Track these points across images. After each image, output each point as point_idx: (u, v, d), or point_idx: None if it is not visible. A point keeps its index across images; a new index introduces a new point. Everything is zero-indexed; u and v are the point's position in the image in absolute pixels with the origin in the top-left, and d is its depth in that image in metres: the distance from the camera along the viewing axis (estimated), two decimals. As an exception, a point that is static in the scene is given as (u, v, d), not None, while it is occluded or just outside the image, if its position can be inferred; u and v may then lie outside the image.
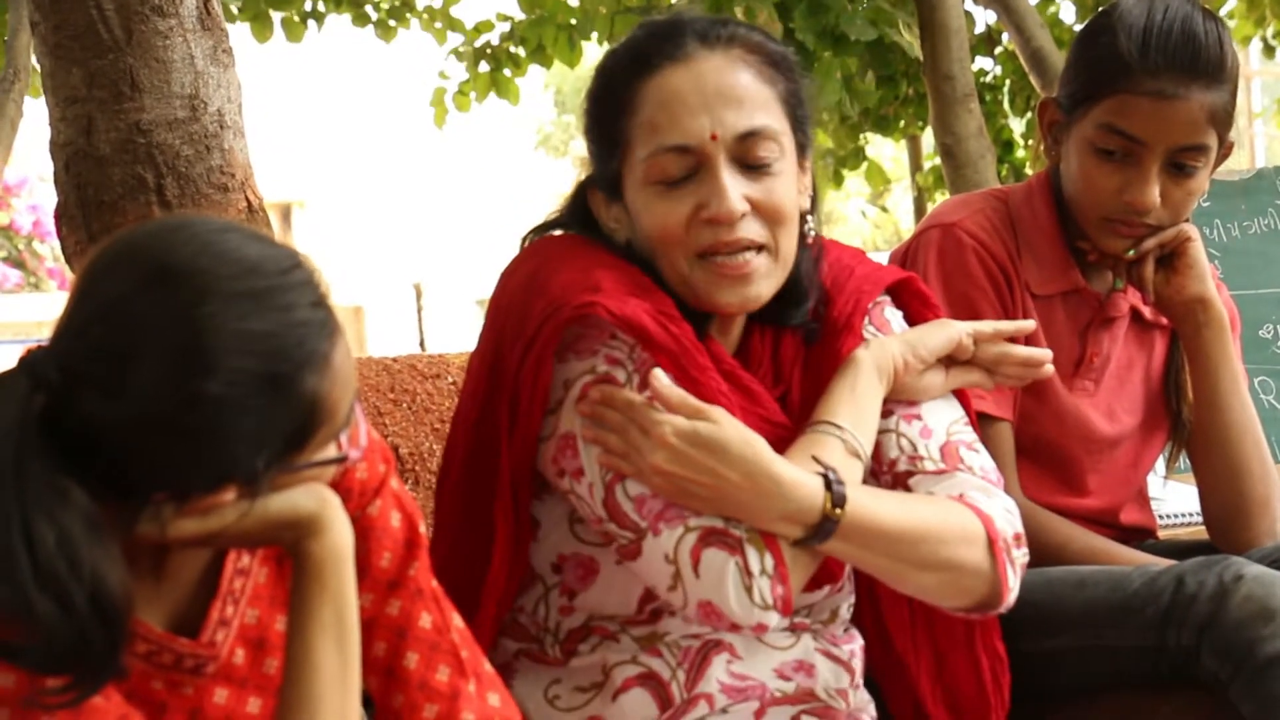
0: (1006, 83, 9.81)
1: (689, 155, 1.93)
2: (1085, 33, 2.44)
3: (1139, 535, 2.61)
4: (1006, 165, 9.80)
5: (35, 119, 8.82)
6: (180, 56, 2.51)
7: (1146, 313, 2.54)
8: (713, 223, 1.92)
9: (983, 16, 9.36)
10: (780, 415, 2.00)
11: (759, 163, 1.93)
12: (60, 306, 1.51)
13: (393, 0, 8.91)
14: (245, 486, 1.50)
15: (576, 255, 2.00)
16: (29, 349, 1.48)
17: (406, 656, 1.76)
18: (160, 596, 1.63)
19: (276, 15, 8.41)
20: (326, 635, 1.60)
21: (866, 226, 25.16)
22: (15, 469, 1.42)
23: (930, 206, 10.72)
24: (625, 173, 1.98)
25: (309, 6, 8.62)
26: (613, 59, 2.02)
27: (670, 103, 1.93)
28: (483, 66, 9.02)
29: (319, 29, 8.66)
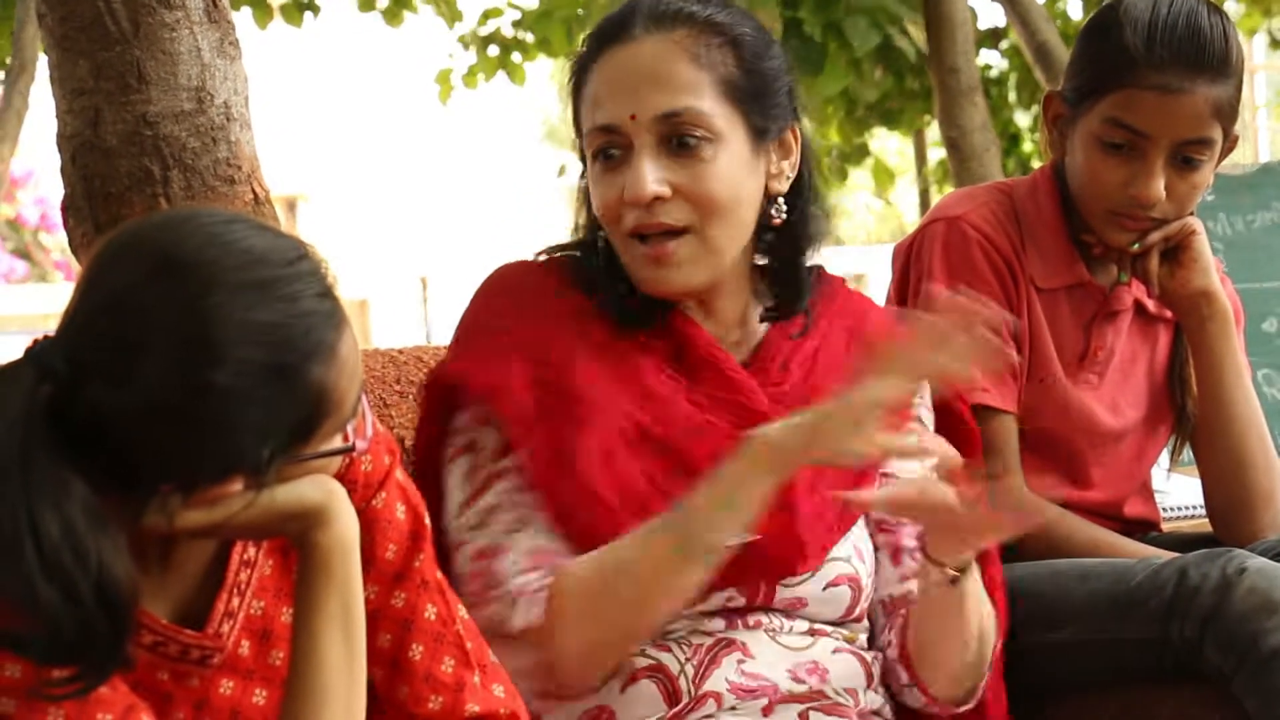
0: (1012, 77, 9.80)
1: (616, 135, 1.96)
2: (1090, 27, 2.44)
3: (1143, 528, 2.62)
4: (1013, 159, 9.80)
5: (42, 111, 8.83)
6: (187, 49, 2.51)
7: (1151, 306, 2.54)
8: (629, 205, 1.95)
9: (988, 10, 9.35)
10: (761, 404, 2.01)
11: (684, 147, 1.94)
12: (66, 299, 1.51)
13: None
14: (252, 477, 1.50)
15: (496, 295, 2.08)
16: (35, 340, 1.48)
17: (411, 648, 1.77)
18: (166, 588, 1.63)
19: (276, 0, 8.38)
20: (333, 626, 1.60)
21: (871, 220, 25.15)
22: (21, 459, 1.42)
23: (935, 200, 10.71)
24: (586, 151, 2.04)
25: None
26: (582, 43, 2.06)
27: (605, 83, 1.98)
28: (491, 50, 9.03)
29: (314, 17, 8.62)
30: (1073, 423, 2.49)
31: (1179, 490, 3.16)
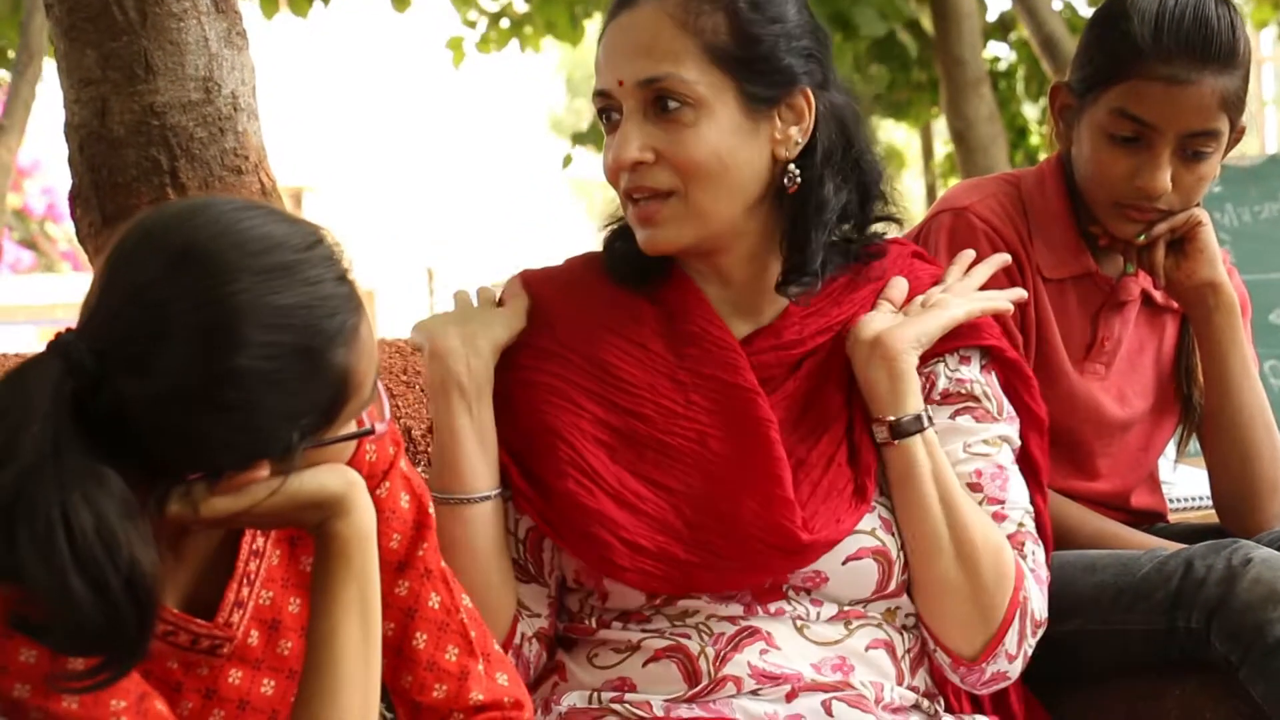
0: (1020, 69, 9.80)
1: (610, 100, 2.01)
2: (1098, 17, 2.44)
3: (1150, 519, 2.62)
4: (1021, 152, 9.79)
5: (49, 101, 8.83)
6: (194, 39, 2.52)
7: (1158, 297, 2.54)
8: (619, 168, 2.00)
9: (996, 2, 9.34)
10: (747, 380, 2.02)
11: (666, 112, 1.97)
12: (73, 289, 1.51)
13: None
14: (278, 462, 1.52)
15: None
16: (58, 333, 1.49)
17: (415, 636, 1.78)
18: (176, 577, 1.64)
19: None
20: (351, 615, 1.61)
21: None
22: (54, 453, 1.43)
23: (942, 190, 10.70)
24: None
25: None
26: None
27: (604, 50, 2.03)
28: (504, 23, 9.06)
29: (325, 5, 8.62)
30: (1079, 413, 2.49)
31: (1185, 481, 3.17)
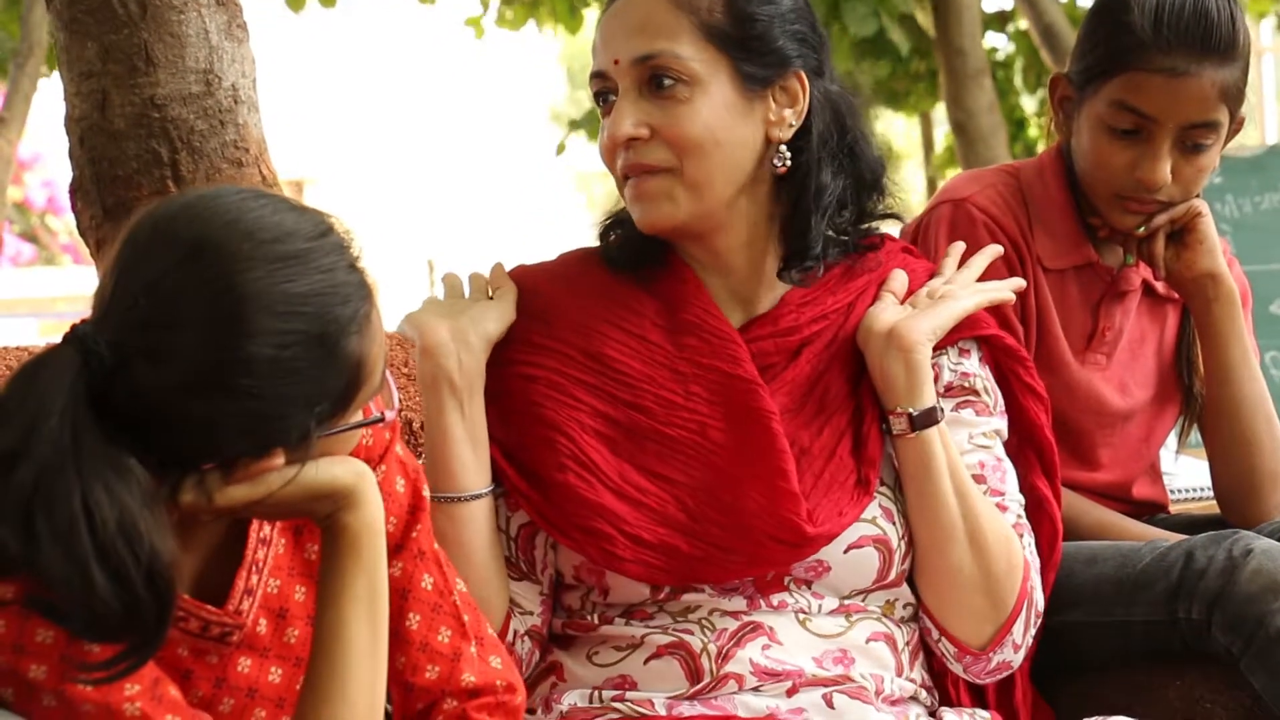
0: (1018, 61, 9.78)
1: (607, 80, 2.02)
2: (1097, 9, 2.43)
3: (1151, 509, 2.62)
4: (1019, 144, 9.78)
5: (49, 94, 8.83)
6: (195, 31, 2.52)
7: (1159, 287, 2.54)
8: (615, 146, 2.01)
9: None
10: (747, 370, 2.02)
11: (661, 89, 1.98)
12: (73, 281, 1.53)
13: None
14: (293, 451, 1.53)
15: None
16: (73, 325, 1.49)
17: (408, 617, 1.78)
18: (187, 564, 1.64)
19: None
20: (359, 607, 1.62)
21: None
22: (74, 446, 1.44)
23: (942, 183, 10.68)
24: None
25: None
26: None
27: (600, 31, 2.05)
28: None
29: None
30: (1080, 404, 2.49)
31: (1187, 472, 3.17)
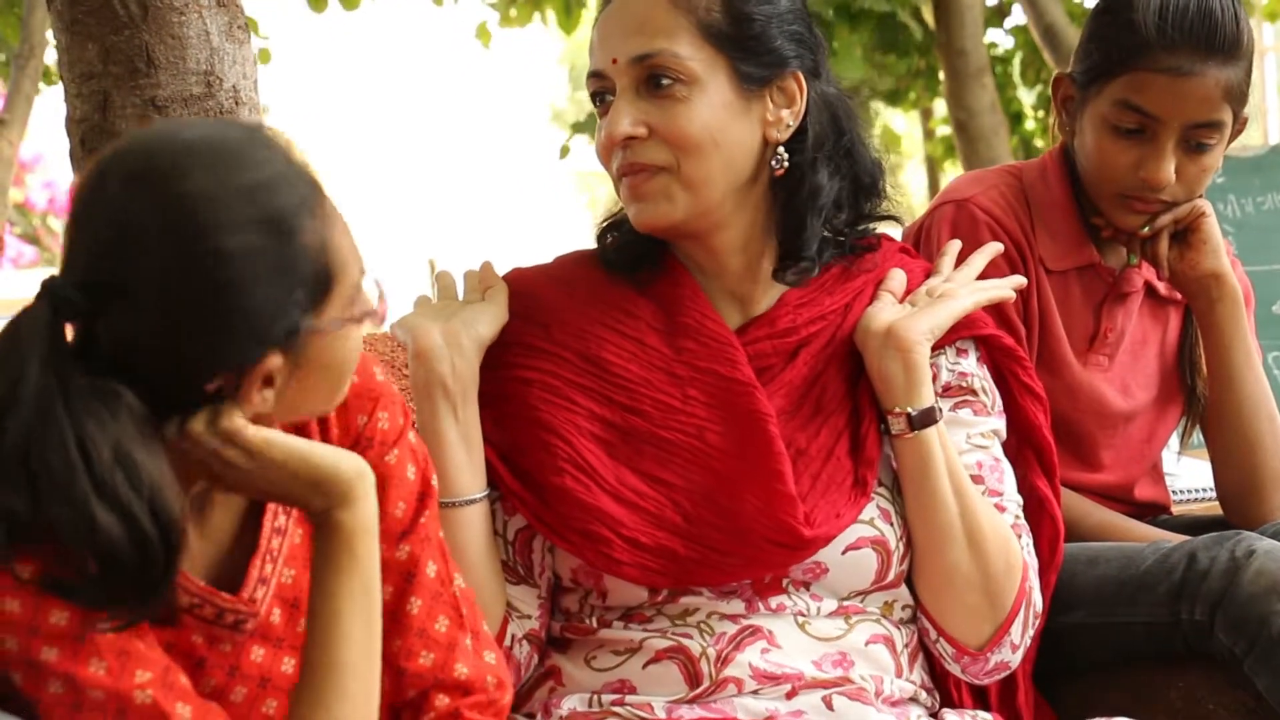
0: (1017, 56, 9.79)
1: (604, 80, 2.02)
2: (1101, 8, 2.43)
3: (1153, 511, 2.62)
4: (1016, 137, 9.79)
5: (50, 95, 8.83)
6: (196, 33, 2.52)
7: (1161, 288, 2.54)
8: (613, 145, 2.01)
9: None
10: (744, 374, 2.02)
11: (659, 88, 1.98)
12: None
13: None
14: (288, 350, 1.53)
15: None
16: (45, 280, 1.50)
17: (410, 601, 1.79)
18: (201, 551, 1.65)
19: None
20: (355, 605, 1.62)
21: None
22: (61, 390, 1.45)
23: (942, 179, 10.70)
24: None
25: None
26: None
27: (598, 32, 2.05)
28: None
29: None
30: (1082, 405, 2.49)
31: (1189, 473, 3.17)
